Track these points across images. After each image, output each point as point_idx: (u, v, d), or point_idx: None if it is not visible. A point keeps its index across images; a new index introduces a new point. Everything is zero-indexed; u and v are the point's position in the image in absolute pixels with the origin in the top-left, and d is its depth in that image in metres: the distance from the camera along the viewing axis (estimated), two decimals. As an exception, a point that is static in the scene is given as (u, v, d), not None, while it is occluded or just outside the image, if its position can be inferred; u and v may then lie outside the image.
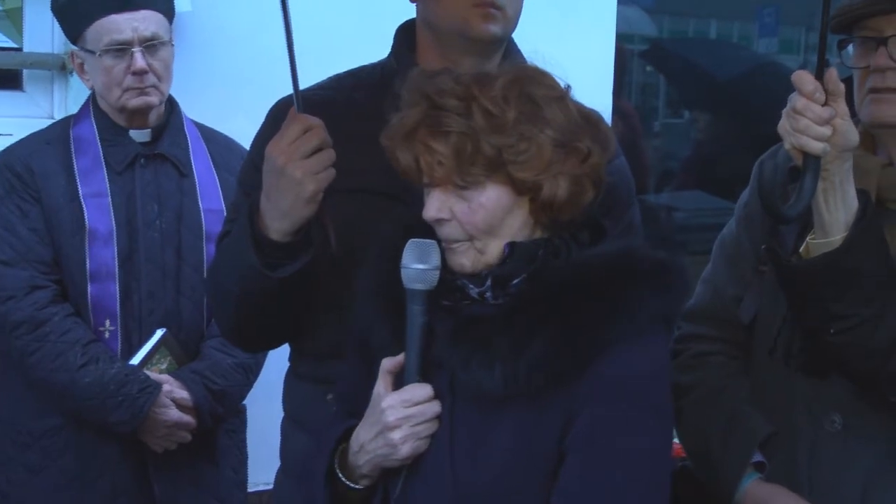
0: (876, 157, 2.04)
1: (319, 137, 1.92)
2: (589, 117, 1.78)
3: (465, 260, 1.76)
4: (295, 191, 1.91)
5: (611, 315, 1.69)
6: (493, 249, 1.75)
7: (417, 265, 1.76)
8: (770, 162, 1.81)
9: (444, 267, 1.78)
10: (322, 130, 1.93)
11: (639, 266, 1.73)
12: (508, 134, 1.70)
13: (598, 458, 1.69)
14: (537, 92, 1.73)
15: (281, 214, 1.94)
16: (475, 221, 1.73)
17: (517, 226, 1.76)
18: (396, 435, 1.74)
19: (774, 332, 2.06)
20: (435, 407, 1.75)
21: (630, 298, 1.70)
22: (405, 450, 1.75)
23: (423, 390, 1.76)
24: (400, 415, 1.74)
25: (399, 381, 1.78)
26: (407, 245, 1.78)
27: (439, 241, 1.79)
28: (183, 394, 2.85)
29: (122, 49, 2.83)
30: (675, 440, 2.00)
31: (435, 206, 1.75)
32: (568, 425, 1.70)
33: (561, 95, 1.76)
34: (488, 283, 1.75)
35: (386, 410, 1.75)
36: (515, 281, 1.74)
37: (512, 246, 1.75)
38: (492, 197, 1.73)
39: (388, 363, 1.78)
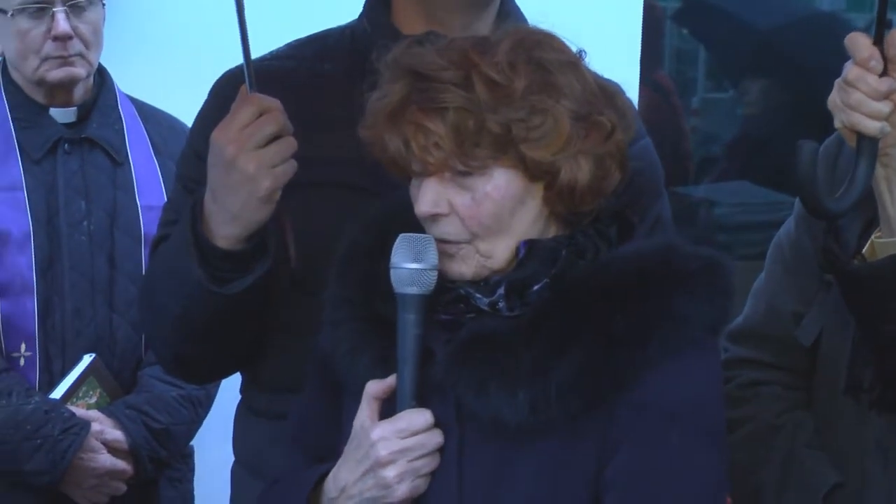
0: None
1: (277, 122, 1.91)
2: (605, 88, 1.79)
3: (466, 267, 1.76)
4: (247, 188, 1.90)
5: (655, 325, 1.69)
6: (501, 252, 1.75)
7: (411, 265, 1.75)
8: (809, 144, 1.81)
9: (440, 274, 1.77)
10: (280, 114, 1.92)
11: (685, 266, 1.73)
12: (518, 106, 1.69)
13: (646, 501, 1.69)
14: (547, 56, 1.74)
15: (230, 217, 1.93)
16: (480, 215, 1.72)
17: (529, 220, 1.75)
18: (391, 472, 1.72)
19: (842, 359, 2.04)
20: (436, 437, 1.74)
21: (678, 305, 1.70)
22: (402, 490, 1.73)
23: (421, 417, 1.74)
24: (395, 447, 1.72)
25: (387, 409, 1.77)
26: (398, 241, 1.76)
27: None
28: (116, 434, 2.84)
29: (41, 8, 2.82)
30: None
31: (430, 198, 1.74)
32: (604, 460, 1.70)
33: (574, 61, 1.77)
34: (500, 291, 1.75)
35: (377, 443, 1.73)
36: (535, 287, 1.74)
37: (530, 244, 1.75)
38: (500, 184, 1.72)
39: (373, 387, 1.77)
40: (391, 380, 1.76)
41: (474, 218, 1.73)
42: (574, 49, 1.78)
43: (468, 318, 1.76)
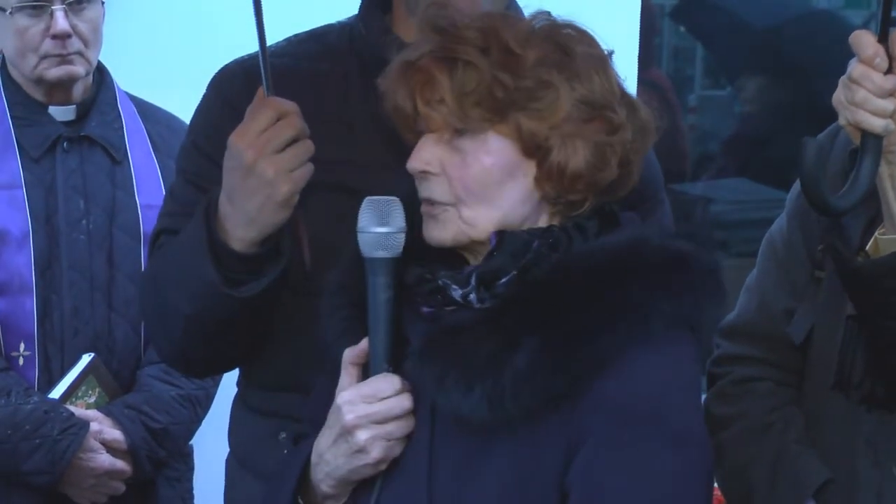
0: None
1: (295, 126, 1.91)
2: (628, 97, 1.80)
3: (446, 232, 1.76)
4: (266, 192, 1.89)
5: (613, 319, 1.67)
6: (484, 223, 1.75)
7: (377, 228, 1.76)
8: (813, 142, 1.81)
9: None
10: (297, 117, 1.91)
11: (650, 259, 1.71)
12: (525, 76, 1.71)
13: (604, 502, 1.67)
14: (574, 46, 1.75)
15: (247, 220, 1.93)
16: (467, 178, 1.74)
17: (517, 197, 1.76)
18: (361, 436, 1.73)
19: (832, 355, 2.04)
20: (404, 402, 1.75)
21: (637, 299, 1.67)
22: (375, 452, 1.74)
23: (388, 382, 1.75)
24: (360, 412, 1.74)
25: (367, 375, 1.78)
26: (363, 204, 1.78)
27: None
28: (115, 434, 2.84)
29: (39, 6, 2.82)
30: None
31: (423, 156, 1.76)
32: (570, 459, 1.69)
33: (603, 58, 1.78)
34: (472, 282, 1.75)
35: (342, 408, 1.74)
36: (503, 279, 1.74)
37: (500, 236, 1.75)
38: (493, 150, 1.73)
39: (349, 354, 1.78)
40: (364, 344, 1.78)
41: (461, 180, 1.74)
42: (605, 51, 1.79)
43: (447, 310, 1.76)
